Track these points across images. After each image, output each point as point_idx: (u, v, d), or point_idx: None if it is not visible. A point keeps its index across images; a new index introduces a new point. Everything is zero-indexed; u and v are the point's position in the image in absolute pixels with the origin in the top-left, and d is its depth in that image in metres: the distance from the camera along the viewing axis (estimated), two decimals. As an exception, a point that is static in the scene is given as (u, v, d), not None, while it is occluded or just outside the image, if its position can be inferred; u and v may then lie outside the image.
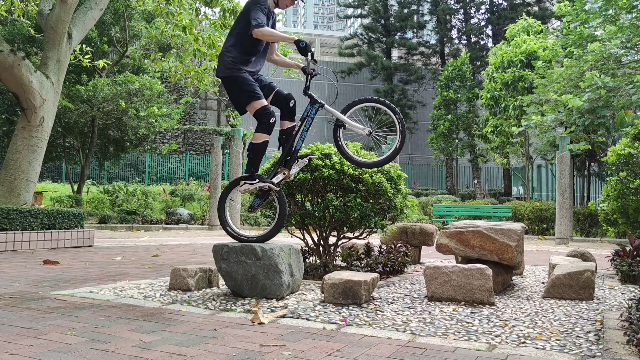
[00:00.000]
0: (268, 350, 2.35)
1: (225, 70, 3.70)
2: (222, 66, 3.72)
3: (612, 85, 11.48)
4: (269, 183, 3.71)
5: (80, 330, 2.65)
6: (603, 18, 12.03)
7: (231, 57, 3.68)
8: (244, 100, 3.68)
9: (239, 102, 3.72)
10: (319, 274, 4.49)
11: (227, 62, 3.68)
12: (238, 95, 3.71)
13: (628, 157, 8.11)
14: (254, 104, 3.65)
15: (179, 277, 3.90)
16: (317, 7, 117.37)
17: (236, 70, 3.67)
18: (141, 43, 16.31)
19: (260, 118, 3.65)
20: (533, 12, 28.73)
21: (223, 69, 3.71)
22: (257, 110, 3.65)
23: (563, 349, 2.50)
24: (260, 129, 3.68)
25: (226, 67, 3.69)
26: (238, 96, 3.71)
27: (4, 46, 7.76)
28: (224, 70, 3.71)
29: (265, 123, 3.64)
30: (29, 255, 6.30)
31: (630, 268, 4.84)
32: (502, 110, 18.33)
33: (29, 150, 7.93)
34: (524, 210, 15.00)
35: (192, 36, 8.66)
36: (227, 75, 3.69)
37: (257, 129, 3.70)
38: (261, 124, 3.66)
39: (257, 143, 3.70)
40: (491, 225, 4.17)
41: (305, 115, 3.79)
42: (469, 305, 3.50)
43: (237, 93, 3.70)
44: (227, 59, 3.68)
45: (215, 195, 13.64)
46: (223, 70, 3.71)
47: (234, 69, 3.67)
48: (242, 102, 3.70)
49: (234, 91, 3.71)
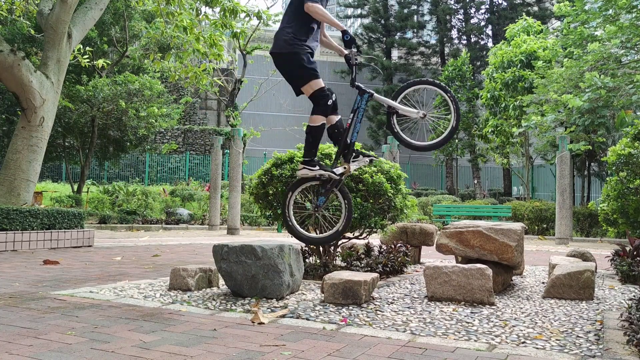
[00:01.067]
0: (268, 350, 2.35)
1: (286, 46, 3.59)
2: (282, 42, 3.61)
3: (612, 85, 11.48)
4: (330, 172, 3.60)
5: (80, 330, 2.65)
6: (603, 18, 12.04)
7: (291, 32, 3.59)
8: (305, 77, 3.57)
9: (298, 79, 3.61)
10: (319, 274, 4.49)
11: (287, 37, 3.58)
12: (298, 72, 3.59)
13: (628, 157, 8.10)
14: (313, 82, 3.56)
15: (179, 277, 3.90)
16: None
17: (298, 46, 3.58)
18: (141, 43, 16.31)
19: (318, 99, 3.57)
20: (533, 12, 28.73)
21: (283, 45, 3.60)
22: (315, 91, 3.56)
23: (563, 349, 2.50)
24: (318, 110, 3.59)
25: (287, 42, 3.58)
26: (298, 73, 3.60)
27: (4, 46, 7.76)
28: (284, 46, 3.59)
29: (324, 104, 3.56)
30: (29, 255, 6.30)
31: (630, 268, 4.84)
32: (502, 110, 18.34)
33: (29, 150, 7.93)
34: (524, 210, 15.00)
35: (192, 36, 8.65)
36: (288, 52, 3.58)
37: (315, 111, 3.60)
38: (319, 106, 3.58)
39: (315, 126, 3.60)
40: (491, 225, 4.17)
41: (356, 106, 3.71)
42: (469, 305, 3.50)
43: (298, 70, 3.59)
44: (287, 35, 3.59)
45: (215, 195, 13.65)
46: (283, 47, 3.60)
47: (295, 44, 3.57)
48: (302, 80, 3.59)
49: (294, 68, 3.60)
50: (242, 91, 22.89)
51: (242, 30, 10.22)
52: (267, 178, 4.64)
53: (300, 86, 3.64)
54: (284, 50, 3.61)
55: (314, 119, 3.61)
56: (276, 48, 3.67)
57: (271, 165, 4.71)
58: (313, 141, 3.64)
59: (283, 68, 3.68)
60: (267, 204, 4.79)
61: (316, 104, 3.59)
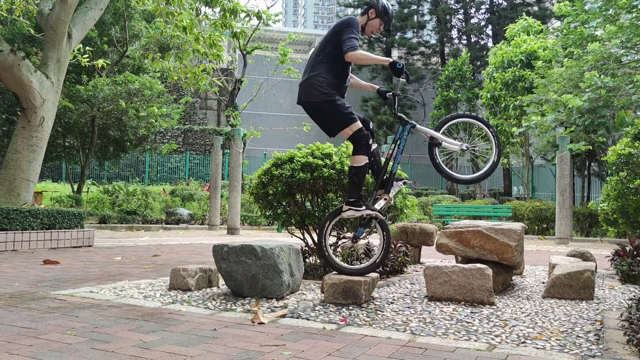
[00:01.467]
0: (268, 350, 2.35)
1: (320, 95, 3.53)
2: (316, 91, 3.54)
3: (612, 85, 11.48)
4: (376, 211, 3.55)
5: (80, 330, 2.65)
6: (603, 18, 12.04)
7: (326, 81, 3.53)
8: (341, 124, 3.54)
9: (333, 126, 3.58)
10: (319, 274, 4.49)
11: (322, 86, 3.52)
12: (334, 120, 3.56)
13: (628, 157, 8.10)
14: (350, 127, 3.52)
15: (179, 277, 3.90)
16: (317, 7, 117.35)
17: (332, 95, 3.53)
18: (141, 43, 16.32)
19: (358, 140, 3.53)
20: (533, 12, 28.73)
21: (317, 94, 3.54)
22: (354, 133, 3.52)
23: (563, 349, 2.50)
24: (360, 151, 3.54)
25: (321, 92, 3.52)
26: (333, 121, 3.56)
27: (4, 46, 7.76)
28: (318, 95, 3.53)
29: (365, 145, 3.53)
30: (29, 255, 6.30)
31: (630, 268, 4.84)
32: (502, 110, 18.34)
33: (29, 150, 7.93)
34: (524, 210, 15.00)
35: (192, 36, 8.65)
36: (323, 100, 3.53)
37: (357, 151, 3.55)
38: (360, 147, 3.53)
39: (360, 166, 3.54)
40: (491, 225, 4.17)
41: (397, 137, 3.68)
42: (469, 305, 3.50)
43: (333, 118, 3.55)
44: (322, 83, 3.53)
45: (215, 195, 13.65)
46: (317, 96, 3.54)
47: (329, 93, 3.52)
48: (338, 127, 3.56)
49: (330, 116, 3.56)
50: (242, 91, 22.88)
51: (242, 30, 10.22)
52: (267, 178, 4.64)
53: (338, 131, 3.59)
54: (320, 99, 3.54)
55: (358, 159, 3.55)
56: (308, 97, 3.58)
57: (271, 165, 4.71)
58: (359, 182, 3.56)
59: (317, 115, 3.61)
60: (267, 204, 4.79)
61: (358, 145, 3.55)
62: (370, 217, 3.60)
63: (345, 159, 4.47)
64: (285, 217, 4.75)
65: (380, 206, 3.60)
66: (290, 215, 4.68)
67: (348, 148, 4.72)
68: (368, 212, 3.52)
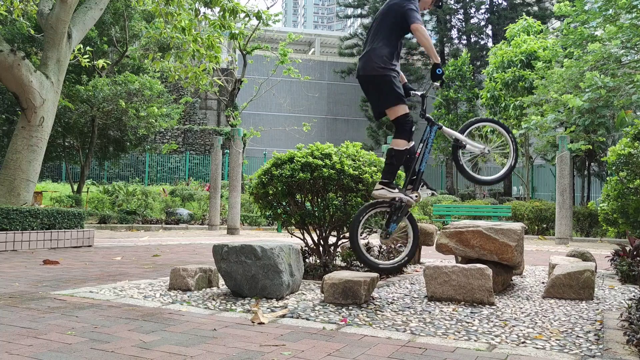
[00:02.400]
0: (268, 350, 2.35)
1: (379, 68, 3.49)
2: (376, 64, 3.50)
3: (612, 85, 11.48)
4: (409, 197, 3.55)
5: (80, 330, 2.65)
6: (603, 18, 12.03)
7: (386, 55, 3.50)
8: (392, 101, 3.51)
9: (385, 103, 3.55)
10: (319, 274, 4.49)
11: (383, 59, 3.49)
12: (386, 96, 3.52)
13: (628, 157, 8.11)
14: (399, 107, 3.50)
15: (178, 277, 3.90)
16: (317, 7, 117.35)
17: (390, 70, 3.50)
18: (141, 43, 16.31)
19: (403, 124, 3.52)
20: (533, 12, 28.73)
21: (376, 67, 3.50)
22: (400, 116, 3.51)
23: (563, 349, 2.50)
24: (402, 135, 3.54)
25: (381, 65, 3.48)
26: (386, 97, 3.52)
27: (4, 46, 7.76)
28: (377, 68, 3.49)
29: (409, 129, 3.53)
30: (29, 255, 6.30)
31: (630, 268, 4.84)
32: (502, 110, 18.35)
33: (29, 150, 7.93)
34: (524, 210, 15.00)
35: (191, 37, 8.65)
36: (381, 74, 3.48)
37: (399, 135, 3.54)
38: (404, 131, 3.53)
39: (399, 150, 3.54)
40: (491, 225, 4.17)
41: (425, 137, 3.72)
42: (469, 305, 3.50)
43: (386, 94, 3.51)
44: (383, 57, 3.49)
45: (215, 195, 13.65)
46: (376, 69, 3.50)
47: (388, 68, 3.49)
48: (388, 104, 3.52)
49: (383, 91, 3.52)
50: (242, 91, 22.89)
51: (240, 31, 10.21)
52: (267, 178, 4.64)
53: (386, 109, 3.57)
54: (378, 72, 3.50)
55: (399, 142, 3.55)
56: (369, 70, 3.54)
57: (271, 165, 4.71)
58: (396, 164, 3.57)
59: (372, 90, 3.58)
60: (267, 204, 4.79)
61: (401, 128, 3.55)
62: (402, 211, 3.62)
63: (345, 159, 4.47)
64: (285, 217, 4.76)
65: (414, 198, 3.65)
66: (290, 215, 4.69)
67: (348, 148, 4.72)
68: (401, 195, 3.56)
